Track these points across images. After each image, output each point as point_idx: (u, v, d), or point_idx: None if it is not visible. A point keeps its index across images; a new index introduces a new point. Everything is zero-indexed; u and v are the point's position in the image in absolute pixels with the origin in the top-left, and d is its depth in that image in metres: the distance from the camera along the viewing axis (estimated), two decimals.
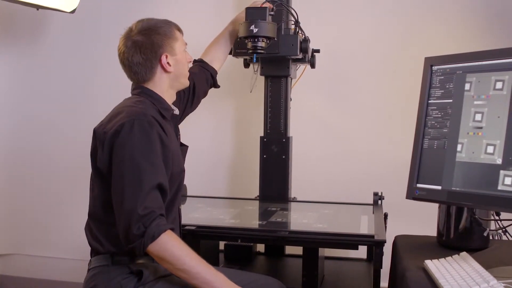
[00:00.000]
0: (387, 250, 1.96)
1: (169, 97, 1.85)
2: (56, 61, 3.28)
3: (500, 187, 1.44)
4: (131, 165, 1.58)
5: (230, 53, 2.37)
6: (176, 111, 1.92)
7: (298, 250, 2.12)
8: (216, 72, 2.26)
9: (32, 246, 3.36)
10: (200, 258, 1.58)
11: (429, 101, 1.67)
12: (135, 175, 1.57)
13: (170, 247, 1.53)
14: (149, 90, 1.80)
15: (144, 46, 1.77)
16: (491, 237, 1.89)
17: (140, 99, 1.76)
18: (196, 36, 2.30)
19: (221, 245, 2.50)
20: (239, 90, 3.02)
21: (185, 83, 1.90)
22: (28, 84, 3.33)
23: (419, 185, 1.66)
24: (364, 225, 2.17)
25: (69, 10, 2.85)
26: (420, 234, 2.00)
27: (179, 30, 1.87)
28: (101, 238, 1.68)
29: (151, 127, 1.63)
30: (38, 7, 2.76)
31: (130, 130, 1.61)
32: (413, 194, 1.67)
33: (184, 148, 1.95)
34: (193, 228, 2.00)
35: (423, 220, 2.18)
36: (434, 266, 1.51)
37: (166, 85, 1.82)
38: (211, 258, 2.32)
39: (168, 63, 1.79)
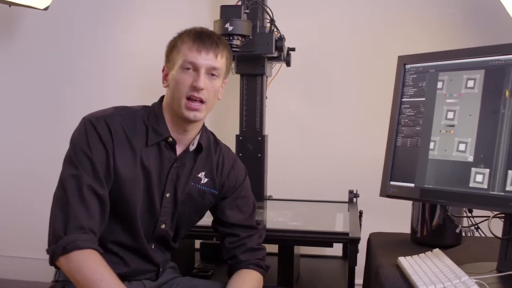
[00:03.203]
0: (362, 247, 1.98)
1: (171, 119, 1.59)
2: (29, 58, 3.24)
3: (471, 184, 1.46)
4: (65, 161, 1.50)
5: None
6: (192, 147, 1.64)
7: (273, 248, 2.12)
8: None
9: (10, 247, 3.32)
10: (119, 284, 1.40)
11: (402, 100, 1.68)
12: (65, 176, 1.47)
13: (85, 268, 1.37)
14: (160, 104, 1.62)
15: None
16: (463, 234, 1.92)
17: (138, 108, 1.62)
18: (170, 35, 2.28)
19: (197, 243, 2.49)
20: None
21: (179, 111, 1.55)
22: (1, 82, 3.28)
23: (392, 183, 1.67)
24: (339, 223, 2.18)
25: (42, 7, 2.82)
26: (394, 232, 2.02)
27: (196, 43, 1.53)
28: None
29: (93, 125, 1.51)
30: (10, 4, 2.73)
31: (75, 131, 1.54)
32: (386, 191, 1.68)
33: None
34: None
35: (398, 217, 2.19)
36: (407, 263, 1.52)
37: (168, 102, 1.59)
38: (187, 257, 2.32)
39: (167, 75, 1.60)
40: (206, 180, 1.68)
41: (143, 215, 1.59)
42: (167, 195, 1.62)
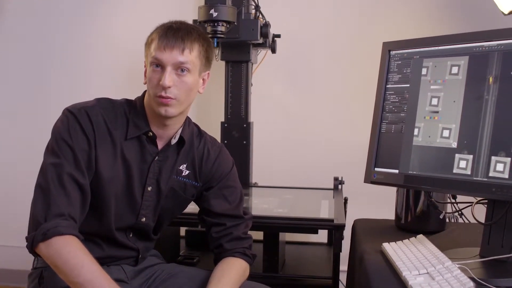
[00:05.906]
0: (347, 234, 1.98)
1: (151, 114, 1.57)
2: (13, 44, 3.18)
3: (455, 170, 1.46)
4: (47, 151, 1.50)
5: None
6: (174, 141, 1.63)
7: (259, 235, 2.12)
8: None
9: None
10: (101, 273, 1.37)
11: (387, 86, 1.68)
12: (46, 165, 1.47)
13: (66, 253, 1.36)
14: (142, 99, 1.61)
15: None
16: (447, 220, 1.93)
17: (121, 101, 1.61)
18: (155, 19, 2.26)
19: (182, 231, 2.49)
20: None
21: (154, 107, 1.53)
22: None
23: (377, 169, 1.67)
24: (324, 210, 2.19)
25: None
26: (379, 218, 2.03)
27: (161, 41, 1.50)
28: None
29: (74, 115, 1.51)
30: None
31: (57, 121, 1.53)
32: (371, 178, 1.68)
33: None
34: None
35: (382, 204, 2.20)
36: (392, 248, 1.52)
37: (147, 98, 1.58)
38: (172, 244, 2.32)
39: (146, 71, 1.57)
40: (187, 172, 1.67)
41: (122, 208, 1.59)
42: (149, 188, 1.61)
